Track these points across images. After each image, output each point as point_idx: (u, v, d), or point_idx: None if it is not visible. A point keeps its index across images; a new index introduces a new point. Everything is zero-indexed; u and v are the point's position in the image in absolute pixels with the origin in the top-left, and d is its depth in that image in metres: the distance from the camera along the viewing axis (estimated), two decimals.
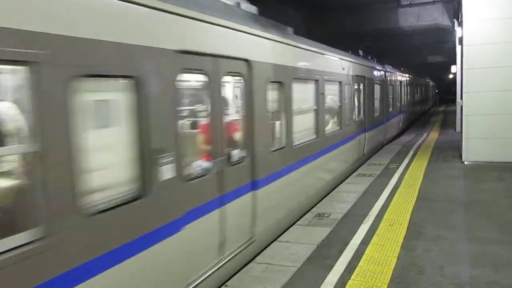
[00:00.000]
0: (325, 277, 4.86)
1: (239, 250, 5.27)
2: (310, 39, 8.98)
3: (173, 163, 3.96)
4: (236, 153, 5.21)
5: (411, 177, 10.00)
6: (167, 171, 3.89)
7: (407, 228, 6.43)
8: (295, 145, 7.20)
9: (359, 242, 5.92)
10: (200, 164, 4.72)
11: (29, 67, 2.67)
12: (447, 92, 43.89)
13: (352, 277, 4.83)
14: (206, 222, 4.56)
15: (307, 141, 7.94)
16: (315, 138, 8.36)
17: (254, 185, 5.63)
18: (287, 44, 7.00)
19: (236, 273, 5.17)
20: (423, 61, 37.98)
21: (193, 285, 4.38)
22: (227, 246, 4.98)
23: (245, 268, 5.26)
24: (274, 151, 6.39)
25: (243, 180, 5.40)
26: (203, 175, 4.60)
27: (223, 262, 4.91)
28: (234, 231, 5.13)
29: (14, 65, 2.71)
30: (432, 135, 18.84)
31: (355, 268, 5.08)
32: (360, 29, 22.08)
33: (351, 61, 11.51)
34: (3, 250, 2.56)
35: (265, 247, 5.95)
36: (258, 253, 5.75)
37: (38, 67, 2.70)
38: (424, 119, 29.72)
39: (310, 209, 7.68)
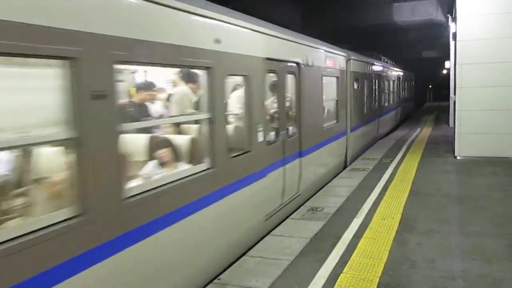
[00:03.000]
0: (317, 270, 4.88)
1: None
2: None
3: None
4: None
5: (404, 172, 10.05)
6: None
7: (400, 222, 6.47)
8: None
9: (351, 236, 5.95)
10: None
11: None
12: (442, 87, 43.90)
13: (344, 270, 4.86)
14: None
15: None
16: None
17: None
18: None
19: (229, 266, 5.19)
20: (418, 56, 38.07)
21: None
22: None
23: (238, 261, 5.28)
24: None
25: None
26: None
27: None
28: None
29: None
30: (426, 131, 18.93)
31: (347, 261, 5.11)
32: (355, 24, 22.09)
33: None
34: None
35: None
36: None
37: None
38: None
39: (304, 203, 7.71)
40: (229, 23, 5.28)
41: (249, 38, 5.96)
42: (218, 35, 4.95)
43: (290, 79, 7.52)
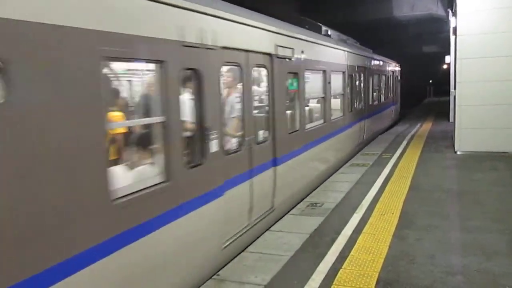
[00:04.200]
0: (317, 266, 4.88)
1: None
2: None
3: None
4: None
5: (404, 167, 10.03)
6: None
7: (399, 218, 6.46)
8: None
9: (351, 231, 5.94)
10: None
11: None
12: (442, 82, 43.76)
13: (343, 266, 4.86)
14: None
15: None
16: None
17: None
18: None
19: (229, 262, 5.18)
20: (418, 51, 37.98)
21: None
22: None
23: (237, 257, 5.27)
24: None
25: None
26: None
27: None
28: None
29: None
30: (426, 126, 18.90)
31: (346, 257, 5.10)
32: (355, 19, 22.02)
33: None
34: None
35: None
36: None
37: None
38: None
39: (303, 199, 7.69)
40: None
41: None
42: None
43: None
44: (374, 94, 15.90)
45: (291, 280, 4.58)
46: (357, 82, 13.04)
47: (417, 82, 56.12)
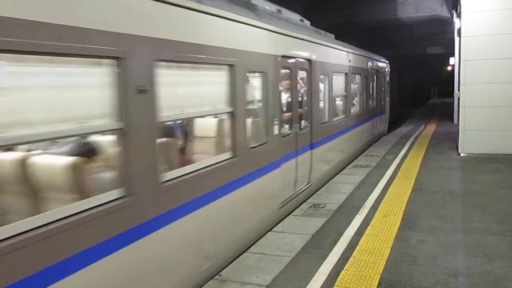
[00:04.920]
0: (319, 267, 4.87)
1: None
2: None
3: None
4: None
5: (407, 168, 10.01)
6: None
7: (402, 219, 6.44)
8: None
9: (353, 232, 5.94)
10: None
11: None
12: (446, 84, 43.64)
13: (345, 267, 4.85)
14: None
15: None
16: None
17: None
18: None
19: (232, 262, 5.19)
20: (422, 52, 37.88)
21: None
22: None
23: (239, 258, 5.27)
24: None
25: None
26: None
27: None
28: None
29: None
30: (430, 127, 18.85)
31: (349, 258, 5.10)
32: (359, 20, 21.99)
33: None
34: None
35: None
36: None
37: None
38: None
39: (306, 200, 7.70)
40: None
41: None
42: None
43: None
44: (336, 104, 10.50)
45: (292, 281, 4.58)
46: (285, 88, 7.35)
47: (421, 84, 56.06)
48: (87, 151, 3.83)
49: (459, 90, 12.14)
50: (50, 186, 3.53)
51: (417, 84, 54.83)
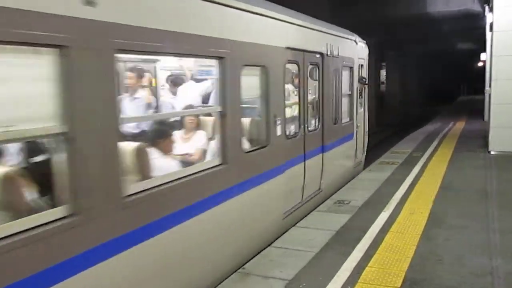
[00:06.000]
0: (342, 263, 4.86)
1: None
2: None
3: None
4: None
5: (434, 166, 9.85)
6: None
7: (428, 217, 6.36)
8: None
9: (378, 229, 5.89)
10: None
11: None
12: (476, 81, 42.53)
13: (369, 264, 4.83)
14: None
15: None
16: None
17: None
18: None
19: (255, 256, 5.24)
20: (452, 48, 37.01)
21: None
22: None
23: (262, 252, 5.31)
24: None
25: None
26: None
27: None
28: None
29: None
30: (459, 124, 18.46)
31: (373, 255, 5.07)
32: (386, 15, 21.63)
33: None
34: None
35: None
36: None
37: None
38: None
39: (330, 196, 7.67)
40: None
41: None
42: None
43: None
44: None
45: (316, 276, 4.59)
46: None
47: (450, 80, 54.78)
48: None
49: (490, 86, 11.85)
50: None
51: (447, 80, 53.72)
